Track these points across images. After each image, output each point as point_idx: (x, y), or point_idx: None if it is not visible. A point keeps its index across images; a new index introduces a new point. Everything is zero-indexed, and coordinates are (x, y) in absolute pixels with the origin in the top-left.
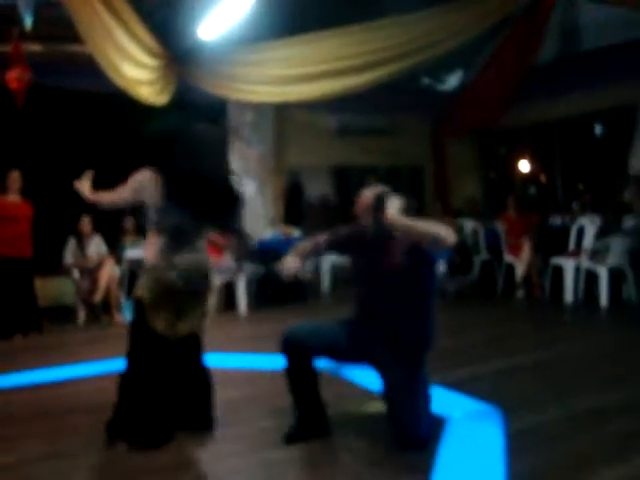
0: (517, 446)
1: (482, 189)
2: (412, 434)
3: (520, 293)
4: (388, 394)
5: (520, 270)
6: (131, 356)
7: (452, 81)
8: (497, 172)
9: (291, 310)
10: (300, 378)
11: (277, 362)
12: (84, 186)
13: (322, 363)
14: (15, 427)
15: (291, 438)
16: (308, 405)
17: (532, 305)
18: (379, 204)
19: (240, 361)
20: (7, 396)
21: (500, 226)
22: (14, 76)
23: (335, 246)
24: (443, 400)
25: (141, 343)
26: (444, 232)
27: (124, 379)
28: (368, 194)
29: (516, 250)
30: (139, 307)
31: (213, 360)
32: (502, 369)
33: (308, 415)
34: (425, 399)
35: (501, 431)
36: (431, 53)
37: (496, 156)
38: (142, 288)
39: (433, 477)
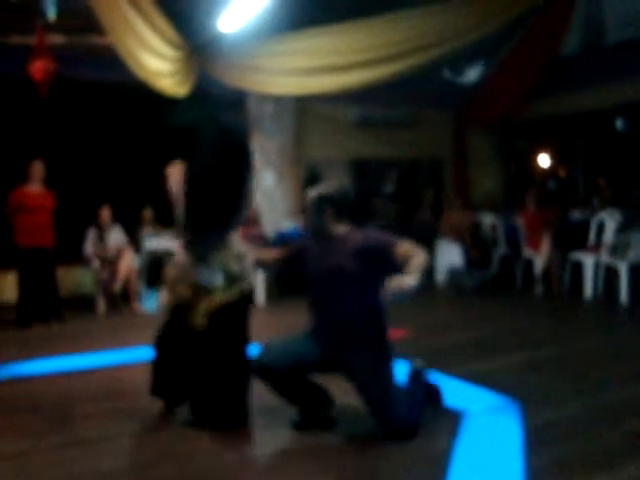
0: (536, 440)
1: (502, 183)
2: (393, 425)
3: (539, 288)
4: (362, 393)
5: (539, 265)
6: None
7: (473, 74)
8: (517, 166)
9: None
10: (286, 391)
11: None
12: (175, 174)
13: None
14: (33, 414)
15: (299, 425)
16: (306, 402)
17: (551, 300)
18: (320, 207)
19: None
20: (26, 384)
21: (519, 220)
22: (39, 67)
23: (288, 265)
24: (461, 394)
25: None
26: (423, 261)
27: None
28: (310, 195)
29: (535, 245)
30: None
31: None
32: (521, 363)
33: (310, 408)
34: (398, 390)
35: (520, 425)
36: (453, 45)
37: (516, 150)
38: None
39: (450, 470)
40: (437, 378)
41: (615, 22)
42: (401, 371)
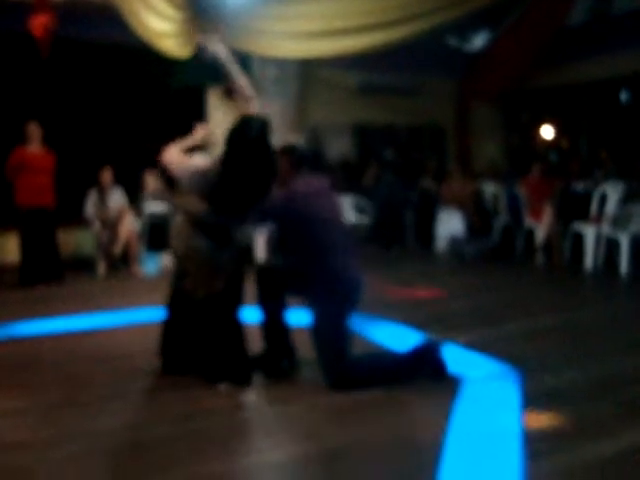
0: (534, 407)
1: (504, 153)
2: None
3: (540, 258)
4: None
5: (541, 235)
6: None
7: (478, 41)
8: (520, 136)
9: None
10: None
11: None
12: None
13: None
14: (34, 373)
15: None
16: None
17: (552, 270)
18: None
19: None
20: (27, 343)
21: (522, 190)
22: (39, 23)
23: None
24: (460, 360)
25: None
26: None
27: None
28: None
29: (537, 214)
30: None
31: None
32: (520, 332)
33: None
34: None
35: (518, 392)
36: (458, 10)
37: (520, 120)
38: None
39: (448, 435)
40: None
41: None
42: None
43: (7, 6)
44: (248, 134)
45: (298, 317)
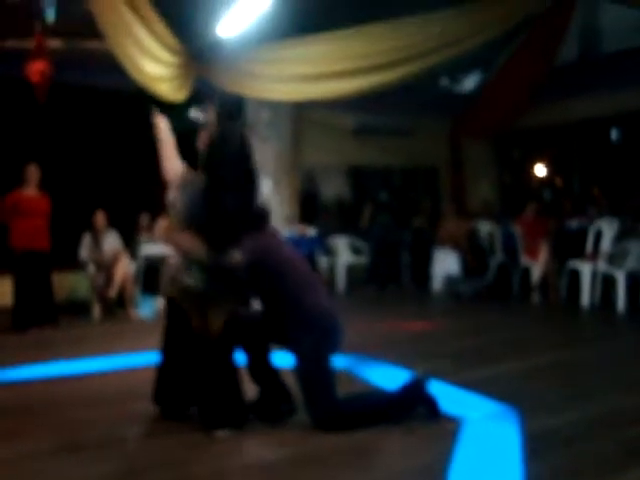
0: (534, 448)
1: (497, 191)
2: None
3: (536, 296)
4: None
5: (537, 273)
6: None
7: (470, 82)
8: (513, 175)
9: None
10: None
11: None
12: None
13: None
14: (28, 419)
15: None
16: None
17: (548, 308)
18: None
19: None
20: (21, 388)
21: (517, 229)
22: (36, 70)
23: None
24: (459, 400)
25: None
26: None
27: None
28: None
29: (533, 253)
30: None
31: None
32: (518, 371)
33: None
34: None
35: (518, 432)
36: (451, 52)
37: (512, 159)
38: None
39: (449, 477)
40: (436, 390)
41: (612, 31)
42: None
43: (5, 53)
44: (228, 146)
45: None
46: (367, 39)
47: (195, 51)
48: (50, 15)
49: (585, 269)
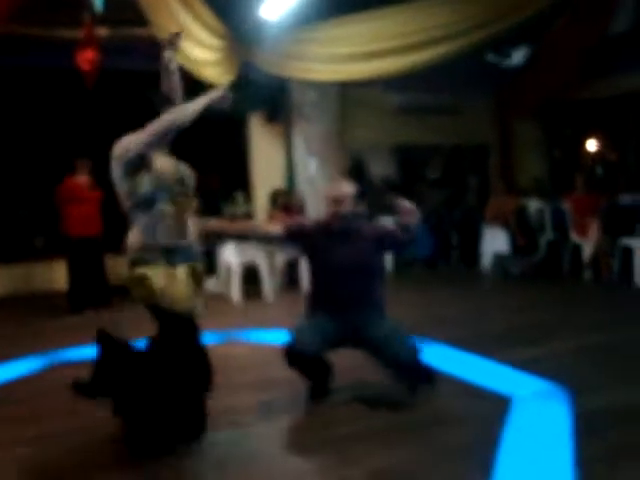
0: (585, 427)
1: (547, 168)
2: (418, 363)
3: (587, 274)
4: (378, 344)
5: (588, 251)
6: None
7: (518, 56)
8: (563, 150)
9: None
10: (312, 372)
11: None
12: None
13: None
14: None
15: (315, 395)
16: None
17: (600, 287)
18: (360, 195)
19: None
20: (78, 367)
21: (567, 206)
22: (86, 58)
23: (298, 238)
24: (509, 379)
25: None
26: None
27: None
28: (348, 186)
29: (583, 230)
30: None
31: (270, 336)
32: (568, 350)
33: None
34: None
35: (568, 411)
36: (497, 27)
37: (563, 134)
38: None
39: (498, 457)
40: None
41: None
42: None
43: (55, 44)
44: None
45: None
46: (408, 17)
47: (239, 34)
48: (99, 5)
49: (638, 246)
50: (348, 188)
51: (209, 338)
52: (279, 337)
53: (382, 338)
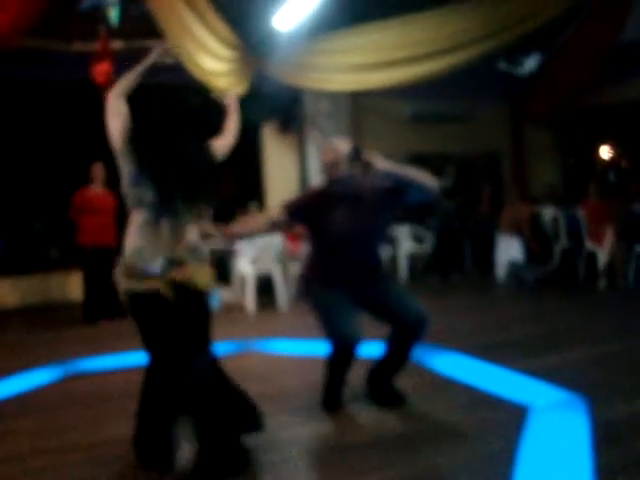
0: (605, 437)
1: (561, 175)
2: (425, 314)
3: (603, 282)
4: (386, 307)
5: (602, 258)
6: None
7: (530, 64)
8: (576, 158)
9: None
10: (345, 366)
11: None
12: None
13: None
14: (102, 408)
15: (331, 406)
16: (339, 381)
17: (615, 294)
18: (356, 154)
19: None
20: (97, 379)
21: (581, 213)
22: (101, 71)
23: (299, 214)
24: (526, 388)
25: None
26: (428, 178)
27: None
28: (343, 145)
29: (598, 237)
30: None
31: (285, 347)
32: (585, 359)
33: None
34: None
35: (587, 421)
36: (509, 36)
37: (575, 141)
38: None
39: (516, 467)
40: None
41: None
42: None
43: (70, 57)
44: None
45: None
46: (421, 26)
47: (252, 45)
48: (114, 19)
49: None
50: (342, 147)
51: (224, 348)
52: (293, 347)
53: (394, 300)
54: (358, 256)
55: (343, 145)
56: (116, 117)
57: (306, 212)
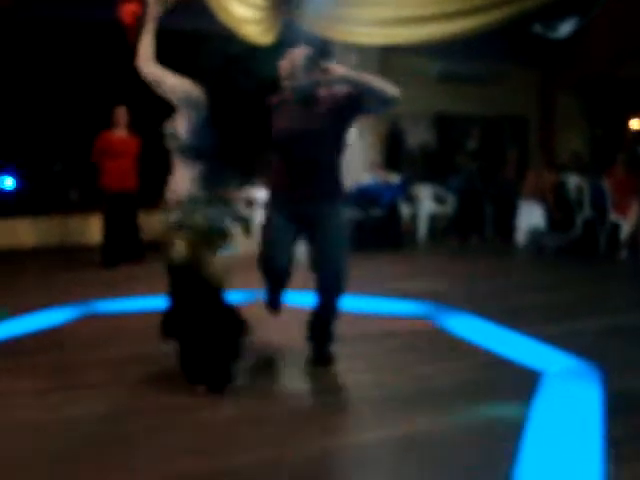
0: (615, 407)
1: (588, 145)
2: (339, 276)
3: (624, 253)
4: (319, 250)
5: (626, 230)
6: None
7: (565, 28)
8: (605, 128)
9: (386, 255)
10: (277, 285)
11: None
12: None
13: None
14: (118, 349)
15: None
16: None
17: (637, 266)
18: (312, 62)
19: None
20: (114, 320)
21: (607, 184)
22: (129, 10)
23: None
24: (539, 354)
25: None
26: (389, 86)
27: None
28: (299, 52)
29: (623, 209)
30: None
31: (299, 299)
32: (601, 329)
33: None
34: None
35: (599, 390)
36: None
37: (605, 111)
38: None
39: (526, 432)
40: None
41: None
42: None
43: None
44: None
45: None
46: None
47: None
48: None
49: None
50: (299, 56)
51: (238, 297)
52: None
53: (323, 247)
54: (308, 157)
55: (299, 54)
56: (164, 76)
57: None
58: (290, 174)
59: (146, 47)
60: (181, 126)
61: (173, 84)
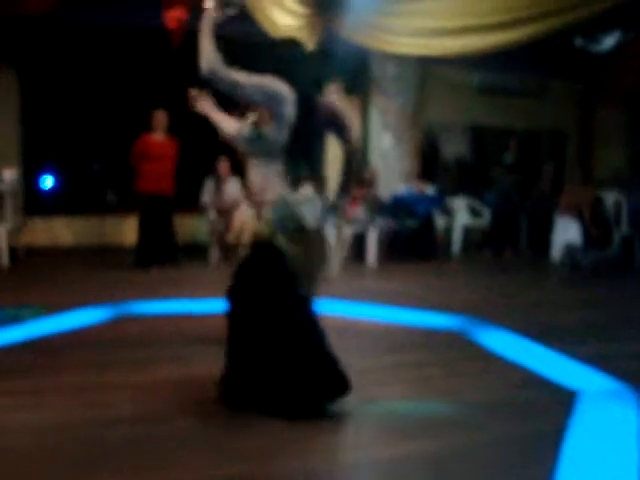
0: None
1: (628, 161)
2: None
3: None
4: None
5: None
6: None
7: (608, 42)
8: None
9: (419, 266)
10: None
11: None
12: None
13: None
14: (149, 351)
15: None
16: None
17: None
18: None
19: (358, 311)
20: (148, 322)
21: None
22: (173, 16)
23: None
24: (577, 373)
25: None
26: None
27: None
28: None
29: None
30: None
31: (335, 308)
32: (638, 350)
33: None
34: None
35: (636, 413)
36: (587, 10)
37: None
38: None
39: (562, 449)
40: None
41: None
42: None
43: (139, 3)
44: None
45: None
46: None
47: (324, 2)
48: None
49: None
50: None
51: None
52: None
53: None
54: None
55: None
56: (237, 75)
57: None
58: None
59: (209, 53)
60: (267, 125)
61: (253, 83)
